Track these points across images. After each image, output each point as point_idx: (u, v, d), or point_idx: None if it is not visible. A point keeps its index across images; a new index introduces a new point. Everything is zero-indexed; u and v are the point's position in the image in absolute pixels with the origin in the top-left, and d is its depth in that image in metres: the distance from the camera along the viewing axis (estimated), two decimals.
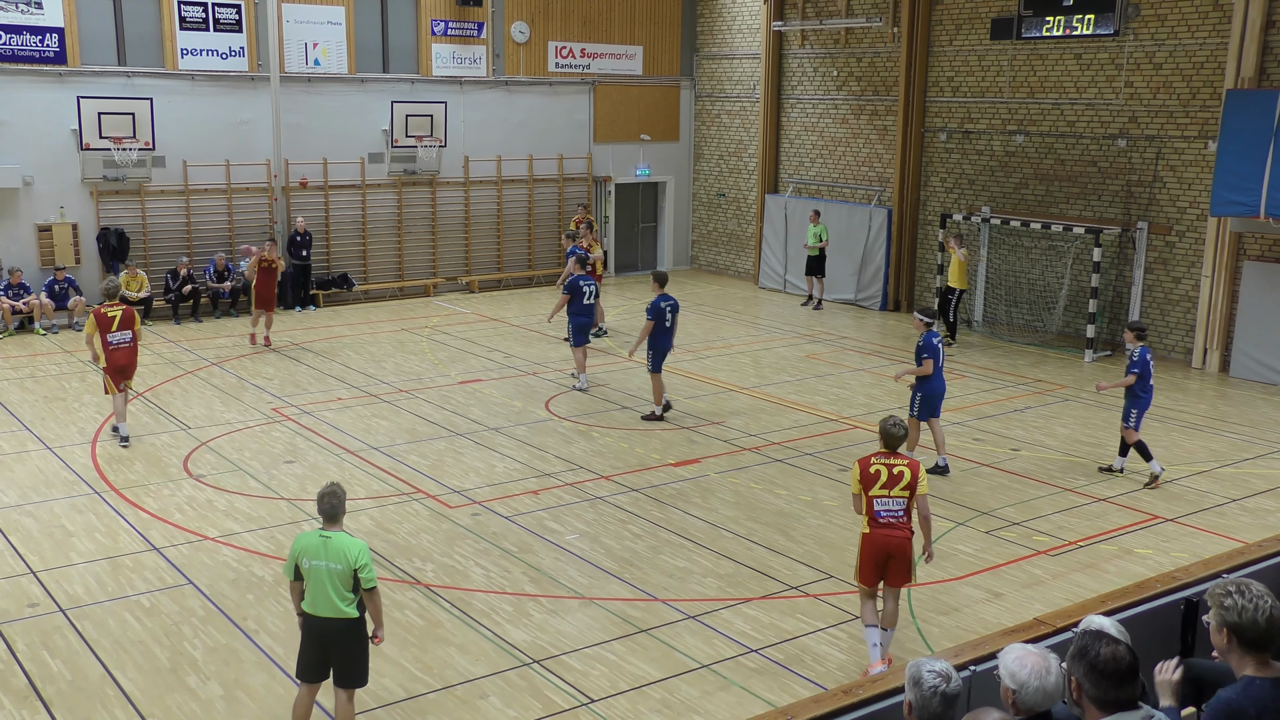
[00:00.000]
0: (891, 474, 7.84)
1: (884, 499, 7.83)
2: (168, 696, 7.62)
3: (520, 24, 23.60)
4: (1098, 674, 3.79)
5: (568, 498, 11.53)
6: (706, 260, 26.60)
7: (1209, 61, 17.20)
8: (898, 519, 7.83)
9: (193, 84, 20.30)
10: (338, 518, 6.88)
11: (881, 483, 7.83)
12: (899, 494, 7.82)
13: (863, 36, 22.39)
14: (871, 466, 7.91)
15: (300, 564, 6.80)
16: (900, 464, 7.89)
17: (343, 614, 6.76)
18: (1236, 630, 4.04)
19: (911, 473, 7.84)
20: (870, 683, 4.94)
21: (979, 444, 13.49)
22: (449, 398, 15.25)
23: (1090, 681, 3.81)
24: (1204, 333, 17.48)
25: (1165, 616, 5.75)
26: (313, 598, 6.79)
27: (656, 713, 7.50)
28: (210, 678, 7.87)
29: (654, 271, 14.02)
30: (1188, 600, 5.78)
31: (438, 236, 23.17)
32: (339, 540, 6.78)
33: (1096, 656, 3.80)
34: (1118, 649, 3.81)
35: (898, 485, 7.81)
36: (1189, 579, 5.98)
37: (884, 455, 7.97)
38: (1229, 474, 12.57)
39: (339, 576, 6.72)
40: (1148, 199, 18.13)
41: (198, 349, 17.84)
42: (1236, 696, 4.02)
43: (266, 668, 8.01)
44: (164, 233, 20.46)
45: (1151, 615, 5.66)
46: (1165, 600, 5.79)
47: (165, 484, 11.76)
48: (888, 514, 7.83)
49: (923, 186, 21.65)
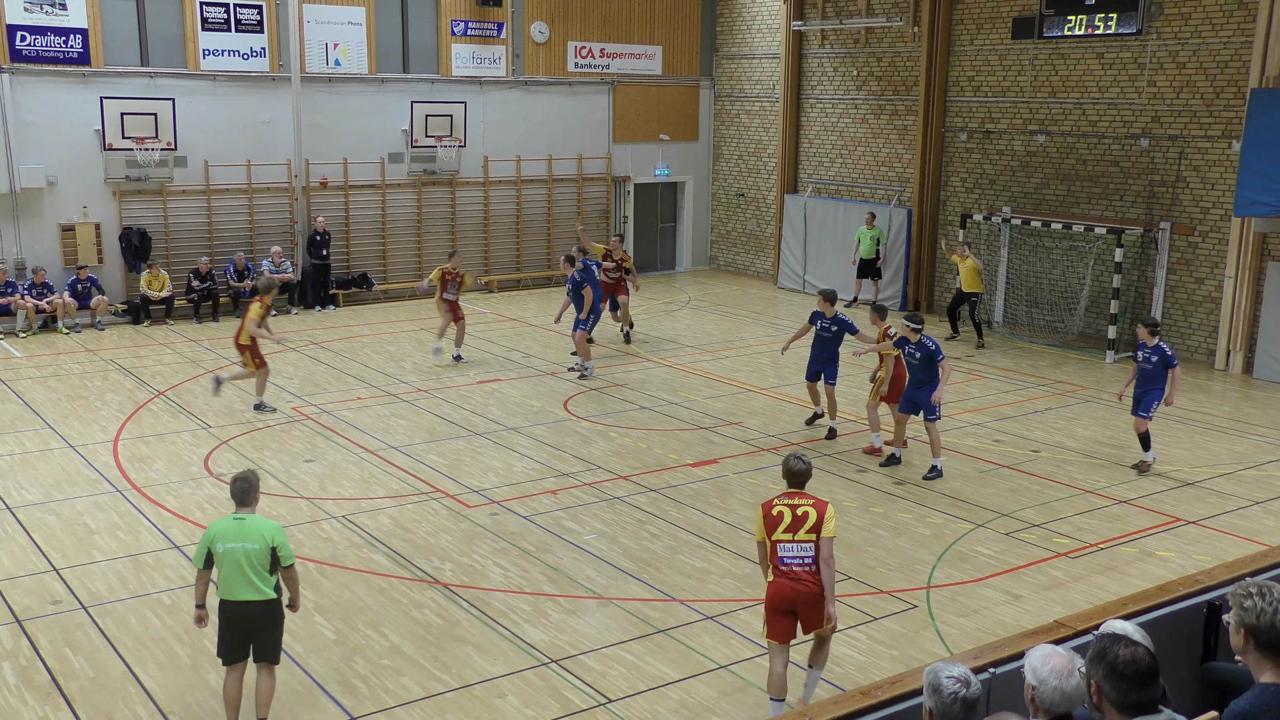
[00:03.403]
0: (795, 515, 7.11)
1: (788, 544, 7.08)
2: (188, 694, 7.67)
3: (540, 24, 23.64)
4: (1117, 676, 3.77)
5: (586, 498, 11.54)
6: (726, 260, 26.58)
7: (1233, 60, 17.06)
8: (805, 566, 7.07)
9: (214, 84, 20.43)
10: (249, 501, 7.02)
11: (785, 525, 7.10)
12: (804, 537, 7.07)
13: (883, 36, 22.32)
14: (774, 509, 7.18)
15: (214, 549, 6.91)
16: (805, 504, 7.16)
17: (262, 595, 6.91)
18: (1254, 632, 4.05)
19: (818, 513, 7.11)
20: (889, 684, 4.92)
21: (999, 445, 13.42)
22: (468, 397, 15.29)
23: (1110, 684, 3.79)
24: (1227, 334, 17.33)
25: (1187, 619, 5.71)
26: (227, 582, 6.91)
27: (674, 713, 7.49)
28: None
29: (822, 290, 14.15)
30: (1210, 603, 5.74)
31: (457, 236, 23.22)
32: (253, 522, 6.94)
33: (1116, 659, 3.78)
34: (1137, 651, 3.79)
35: (802, 528, 7.08)
36: (1211, 582, 5.93)
37: (788, 496, 7.25)
38: (1252, 476, 12.47)
39: (256, 557, 6.84)
40: (1170, 199, 18.00)
41: (219, 348, 17.94)
42: (1249, 705, 4.00)
43: (286, 666, 8.02)
44: (185, 232, 20.60)
45: (1173, 618, 5.62)
46: (1187, 603, 5.75)
47: (186, 482, 11.83)
48: (793, 560, 7.07)
49: (943, 186, 21.55)
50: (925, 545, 10.38)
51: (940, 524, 10.91)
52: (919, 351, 12.17)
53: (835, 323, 13.43)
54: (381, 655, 8.20)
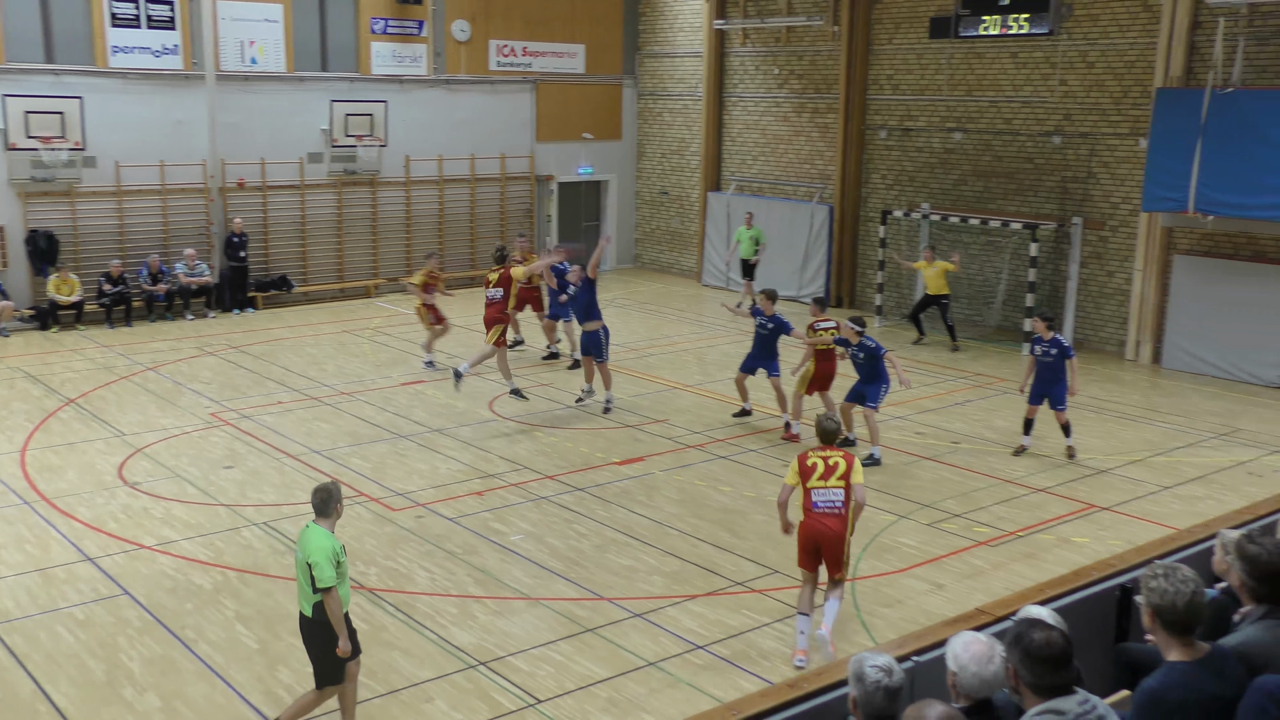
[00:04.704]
0: (827, 465, 8.24)
1: (821, 489, 8.22)
2: (103, 710, 7.46)
3: (461, 22, 23.45)
4: (1032, 660, 3.87)
5: (512, 498, 11.48)
6: (650, 258, 26.63)
7: (1139, 61, 17.55)
8: (834, 509, 8.20)
9: (125, 82, 19.90)
10: (327, 511, 6.79)
11: (819, 474, 8.22)
12: (835, 484, 8.20)
13: (804, 35, 22.54)
14: (809, 460, 8.29)
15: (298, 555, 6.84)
16: (835, 455, 8.29)
17: (304, 610, 6.79)
18: (1159, 613, 4.19)
19: (846, 463, 8.26)
20: (815, 675, 4.96)
21: (920, 438, 13.64)
22: (391, 400, 15.11)
23: (1025, 667, 3.89)
24: (1136, 325, 17.83)
25: (1101, 603, 5.85)
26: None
27: (604, 711, 7.48)
28: (148, 689, 7.71)
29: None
30: (1122, 586, 5.89)
31: (379, 237, 22.94)
32: (308, 533, 6.75)
33: (1031, 643, 3.88)
34: (1051, 635, 3.89)
35: (834, 475, 8.21)
36: (1123, 566, 6.08)
37: (820, 449, 8.38)
38: (1162, 462, 12.84)
39: (302, 570, 6.70)
40: (1082, 195, 18.46)
41: (132, 353, 17.50)
42: (1158, 684, 4.14)
43: (206, 678, 7.87)
44: (96, 235, 20.02)
45: (1087, 602, 5.76)
46: (1101, 587, 5.89)
47: (99, 492, 11.51)
48: (825, 504, 8.20)
49: (864, 184, 21.85)
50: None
51: (864, 516, 11.00)
52: (861, 351, 12.66)
53: (773, 321, 13.71)
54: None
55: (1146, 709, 4.11)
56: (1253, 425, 14.29)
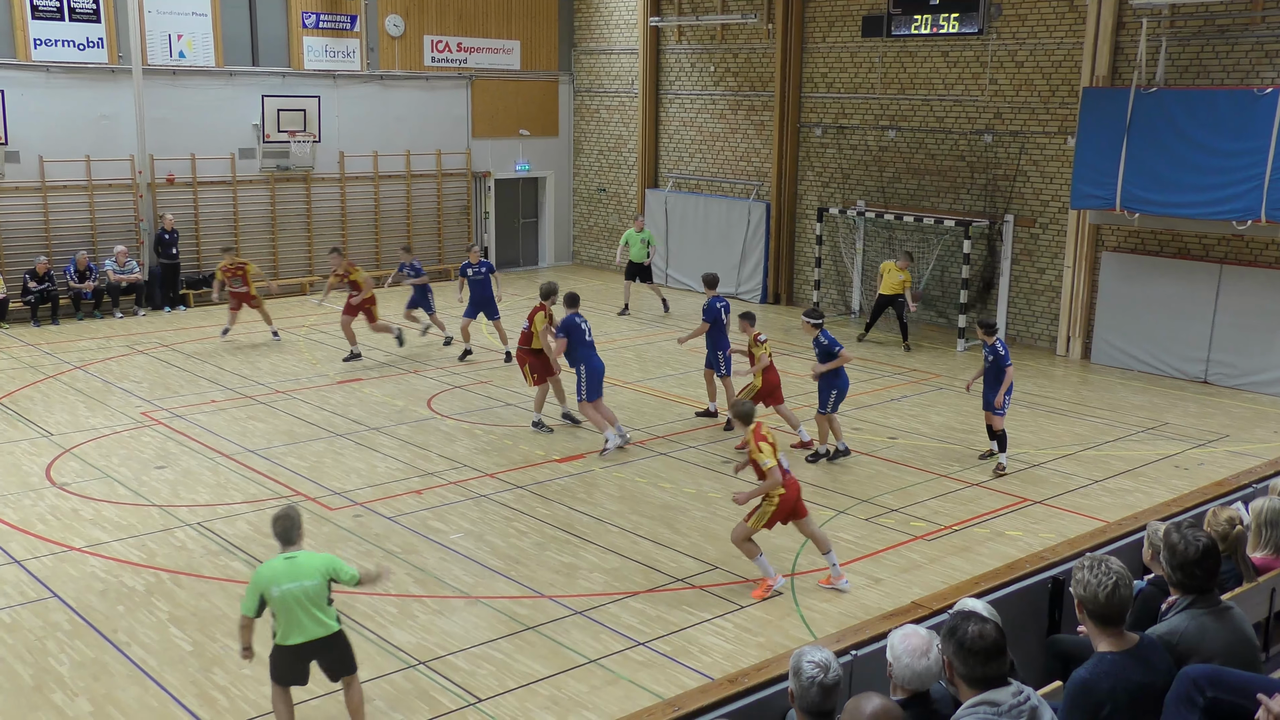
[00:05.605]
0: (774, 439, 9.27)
1: (784, 458, 9.27)
2: (32, 716, 7.29)
3: (394, 17, 23.21)
4: (966, 652, 3.94)
5: (452, 496, 11.41)
6: (588, 255, 26.61)
7: (1066, 60, 17.92)
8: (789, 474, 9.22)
9: (48, 76, 19.41)
10: (293, 538, 6.73)
11: (779, 448, 9.27)
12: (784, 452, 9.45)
13: (738, 33, 22.66)
14: (770, 436, 9.20)
15: (268, 594, 6.58)
16: (768, 431, 9.36)
17: (328, 629, 6.73)
18: (1086, 604, 4.29)
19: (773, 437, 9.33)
20: (755, 670, 5.02)
21: (858, 433, 13.80)
22: (328, 398, 14.93)
23: (960, 660, 3.96)
24: (1067, 321, 18.21)
25: (1034, 595, 5.99)
26: (286, 628, 6.64)
27: (545, 710, 7.48)
28: (79, 694, 7.56)
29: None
30: (1054, 579, 6.03)
31: (313, 234, 22.64)
32: (305, 558, 6.68)
33: (965, 635, 3.96)
34: (985, 627, 3.97)
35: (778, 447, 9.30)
36: (1055, 558, 6.23)
37: (759, 428, 9.29)
38: (1091, 456, 13.13)
39: (315, 593, 6.62)
40: (1012, 192, 18.80)
41: (59, 352, 17.08)
42: (1089, 674, 4.24)
43: (139, 680, 7.73)
44: (19, 231, 19.51)
45: (1021, 594, 5.89)
46: (1034, 580, 6.03)
47: (26, 494, 11.23)
48: (788, 470, 9.18)
49: (799, 181, 22.03)
50: (789, 533, 10.55)
51: None
52: (815, 347, 12.62)
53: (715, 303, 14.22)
54: (241, 665, 7.93)
55: (1078, 698, 4.21)
56: (1179, 419, 14.66)
